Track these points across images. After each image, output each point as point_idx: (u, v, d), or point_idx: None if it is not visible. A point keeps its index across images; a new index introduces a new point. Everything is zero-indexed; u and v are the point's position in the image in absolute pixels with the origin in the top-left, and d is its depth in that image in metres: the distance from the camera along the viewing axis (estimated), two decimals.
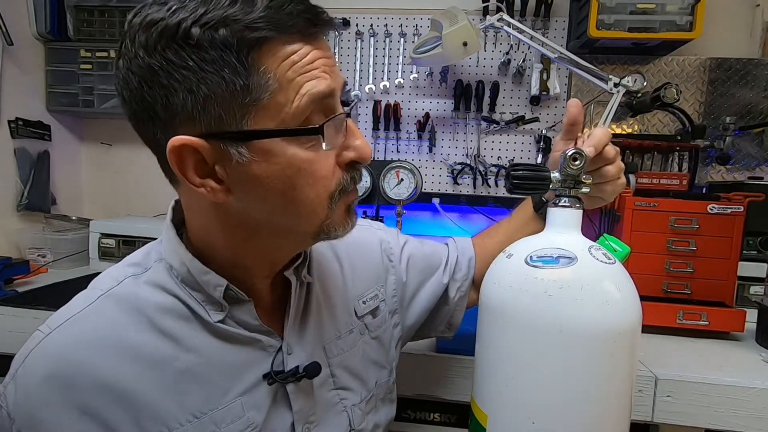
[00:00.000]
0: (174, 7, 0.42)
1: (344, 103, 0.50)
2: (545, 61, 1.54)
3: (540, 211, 0.73)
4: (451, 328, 0.79)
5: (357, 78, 1.64)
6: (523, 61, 1.56)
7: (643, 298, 0.52)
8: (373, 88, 1.63)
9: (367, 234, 0.74)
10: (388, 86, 1.63)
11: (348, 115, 0.50)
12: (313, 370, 0.55)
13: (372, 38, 1.63)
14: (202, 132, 0.44)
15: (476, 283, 0.78)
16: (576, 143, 0.63)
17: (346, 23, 1.61)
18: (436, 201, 1.61)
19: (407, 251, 0.76)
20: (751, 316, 0.99)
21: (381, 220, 1.44)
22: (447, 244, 0.81)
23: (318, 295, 0.61)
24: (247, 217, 0.49)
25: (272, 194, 0.47)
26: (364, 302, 0.67)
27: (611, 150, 0.62)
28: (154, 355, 0.49)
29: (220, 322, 0.51)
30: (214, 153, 0.45)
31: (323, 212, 0.49)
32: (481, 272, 0.76)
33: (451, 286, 0.77)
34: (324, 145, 0.46)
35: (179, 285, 0.51)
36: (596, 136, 0.60)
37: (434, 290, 0.76)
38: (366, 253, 0.71)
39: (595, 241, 0.56)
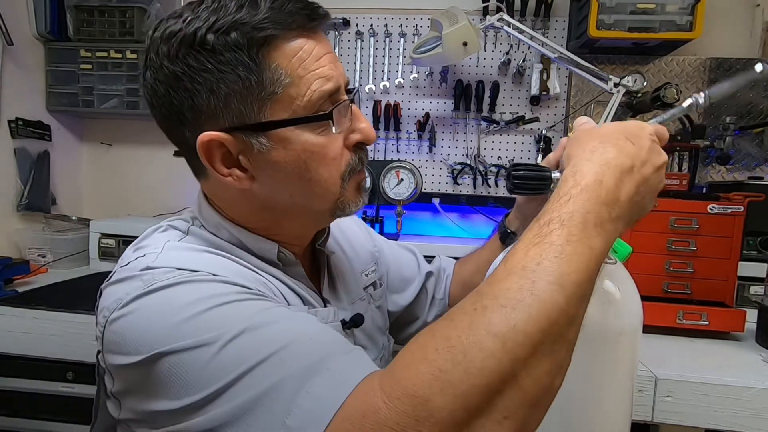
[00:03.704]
0: (189, 18, 0.48)
1: (347, 91, 0.55)
2: (545, 61, 1.54)
3: (506, 243, 0.76)
4: None
5: (357, 78, 1.64)
6: (523, 61, 1.56)
7: (643, 298, 0.52)
8: (373, 88, 1.63)
9: (350, 221, 0.81)
10: (388, 86, 1.63)
11: (351, 101, 0.54)
12: (359, 319, 0.63)
13: (372, 38, 1.63)
14: (225, 127, 0.50)
15: (450, 304, 0.85)
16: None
17: (346, 23, 1.61)
18: (436, 201, 1.61)
19: (385, 249, 0.83)
20: (751, 316, 0.99)
21: (381, 220, 1.44)
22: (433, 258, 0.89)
23: (336, 266, 0.69)
24: (271, 200, 0.55)
25: (291, 177, 0.52)
26: (366, 275, 0.74)
27: None
28: (241, 270, 0.52)
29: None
30: (237, 144, 0.51)
31: (336, 191, 0.54)
32: (455, 294, 0.83)
33: (431, 306, 0.83)
34: (333, 129, 0.52)
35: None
36: None
37: (406, 302, 0.82)
38: (357, 235, 0.79)
39: None
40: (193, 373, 0.40)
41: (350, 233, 0.77)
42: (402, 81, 1.62)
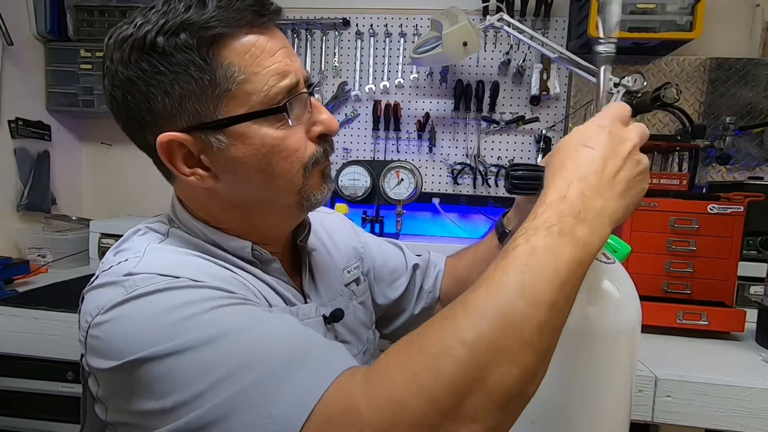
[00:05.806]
0: (139, 23, 0.49)
1: (309, 85, 0.55)
2: (545, 61, 1.54)
3: (502, 241, 0.76)
4: None
5: (357, 78, 1.64)
6: (523, 61, 1.56)
7: (643, 298, 0.52)
8: (373, 88, 1.63)
9: (334, 218, 0.83)
10: (388, 86, 1.63)
11: (311, 93, 0.55)
12: (339, 314, 0.65)
13: (372, 38, 1.63)
14: (183, 127, 0.50)
15: (442, 298, 0.84)
16: None
17: (346, 23, 1.61)
18: (436, 201, 1.61)
19: (371, 244, 0.84)
20: (751, 316, 0.98)
21: (381, 220, 1.44)
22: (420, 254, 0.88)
23: (316, 262, 0.70)
24: (238, 197, 0.55)
25: (252, 172, 0.52)
26: (348, 272, 0.75)
27: None
28: (221, 273, 0.53)
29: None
30: (197, 144, 0.51)
31: (299, 181, 0.55)
32: (448, 289, 0.83)
33: (419, 298, 0.83)
34: (290, 121, 0.52)
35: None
36: None
37: (396, 294, 0.82)
38: (340, 232, 0.79)
39: None
40: (176, 375, 0.41)
41: (333, 230, 0.78)
42: (402, 81, 1.62)
